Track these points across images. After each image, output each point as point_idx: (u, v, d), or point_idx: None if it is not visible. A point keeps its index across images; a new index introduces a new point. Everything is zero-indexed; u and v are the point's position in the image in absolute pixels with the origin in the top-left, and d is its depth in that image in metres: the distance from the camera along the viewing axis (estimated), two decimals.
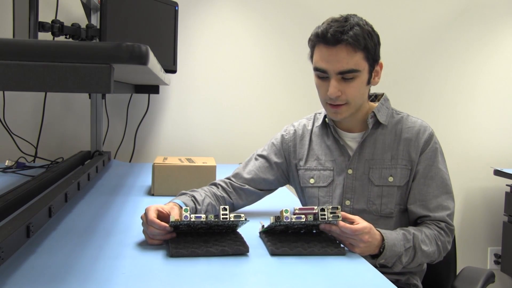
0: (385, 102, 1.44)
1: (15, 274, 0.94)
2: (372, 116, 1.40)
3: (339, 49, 1.29)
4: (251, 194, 1.49)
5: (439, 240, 1.31)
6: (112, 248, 1.12)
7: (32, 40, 1.02)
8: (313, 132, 1.49)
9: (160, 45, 2.17)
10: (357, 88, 1.33)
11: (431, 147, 1.38)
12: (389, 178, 1.37)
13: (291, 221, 1.12)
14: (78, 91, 0.71)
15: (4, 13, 2.12)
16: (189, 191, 1.39)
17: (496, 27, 2.72)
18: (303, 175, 1.47)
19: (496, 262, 2.79)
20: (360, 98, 1.36)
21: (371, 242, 1.18)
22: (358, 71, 1.31)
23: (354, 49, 1.29)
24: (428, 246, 1.29)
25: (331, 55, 1.30)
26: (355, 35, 1.28)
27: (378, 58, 1.36)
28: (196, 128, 2.52)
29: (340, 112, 1.36)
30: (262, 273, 1.01)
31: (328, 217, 1.13)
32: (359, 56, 1.30)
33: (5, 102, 2.25)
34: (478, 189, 2.79)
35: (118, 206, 1.52)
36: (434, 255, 1.30)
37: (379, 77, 1.39)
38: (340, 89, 1.32)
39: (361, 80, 1.33)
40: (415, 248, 1.27)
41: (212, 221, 1.10)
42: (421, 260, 1.29)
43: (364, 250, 1.17)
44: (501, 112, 2.76)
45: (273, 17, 2.54)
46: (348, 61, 1.29)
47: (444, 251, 1.33)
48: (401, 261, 1.25)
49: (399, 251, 1.23)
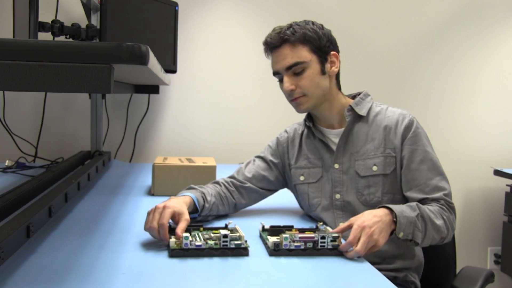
0: (365, 96, 1.48)
1: (15, 274, 0.94)
2: (349, 109, 1.43)
3: (282, 48, 1.39)
4: (252, 192, 1.51)
5: (444, 215, 1.31)
6: (112, 248, 1.12)
7: (32, 40, 1.02)
8: (303, 135, 1.54)
9: (160, 45, 2.17)
10: (309, 79, 1.39)
11: (413, 132, 1.39)
12: (373, 168, 1.39)
13: (290, 248, 1.12)
14: (78, 91, 0.71)
15: (4, 13, 2.12)
16: (198, 187, 1.44)
17: (496, 27, 2.72)
18: (294, 173, 1.51)
19: (496, 262, 2.79)
20: (317, 88, 1.40)
21: (378, 219, 1.18)
22: (303, 62, 1.38)
23: (294, 44, 1.38)
24: (436, 218, 1.28)
25: (277, 55, 1.41)
26: (292, 32, 1.38)
27: (330, 49, 1.41)
28: (196, 128, 2.52)
29: (301, 103, 1.42)
30: (262, 273, 1.01)
31: (328, 244, 1.13)
32: (301, 49, 1.38)
33: (5, 102, 2.25)
34: (478, 189, 2.79)
35: (118, 206, 1.53)
36: (443, 229, 1.29)
37: (337, 66, 1.43)
38: (293, 83, 1.39)
39: (311, 70, 1.39)
40: (423, 217, 1.25)
41: (213, 248, 1.09)
42: (433, 234, 1.27)
43: (381, 230, 1.16)
44: (501, 112, 2.76)
45: (273, 17, 2.54)
46: (292, 55, 1.38)
47: (452, 229, 1.32)
48: (418, 228, 1.23)
49: (411, 216, 1.22)
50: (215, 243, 1.09)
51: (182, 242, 1.08)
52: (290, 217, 1.47)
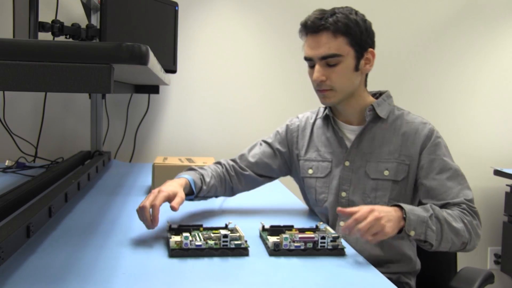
0: (388, 98, 1.44)
1: (15, 274, 0.94)
2: (370, 109, 1.40)
3: (320, 35, 1.33)
4: (251, 180, 1.52)
5: (465, 219, 1.24)
6: (112, 248, 1.12)
7: (32, 40, 1.02)
8: (315, 124, 1.51)
9: (160, 45, 2.17)
10: (341, 73, 1.34)
11: (433, 141, 1.37)
12: (385, 172, 1.36)
13: (290, 248, 1.12)
14: (78, 91, 0.71)
15: (4, 13, 2.12)
16: (198, 168, 1.45)
17: (497, 27, 2.72)
18: (302, 165, 1.49)
19: (496, 262, 2.79)
20: (346, 84, 1.36)
21: (388, 210, 1.14)
22: (340, 56, 1.33)
23: (335, 34, 1.32)
24: (455, 221, 1.22)
25: (314, 41, 1.34)
26: (334, 21, 1.31)
27: (368, 45, 1.37)
28: (196, 128, 2.52)
29: (328, 97, 1.38)
30: (262, 273, 1.01)
31: (328, 244, 1.13)
32: (341, 41, 1.32)
33: (5, 102, 2.25)
34: (478, 189, 2.78)
35: (118, 206, 1.52)
36: (464, 233, 1.22)
37: (371, 64, 1.39)
38: (324, 74, 1.35)
39: (345, 65, 1.34)
40: (438, 218, 1.20)
41: (213, 248, 1.09)
42: (451, 237, 1.20)
43: (390, 220, 1.12)
44: (501, 112, 2.76)
45: (273, 17, 2.54)
46: (329, 46, 1.32)
47: (476, 235, 1.25)
48: (432, 228, 1.17)
49: (422, 215, 1.17)
50: (215, 243, 1.09)
51: (182, 242, 1.08)
52: (290, 217, 1.47)
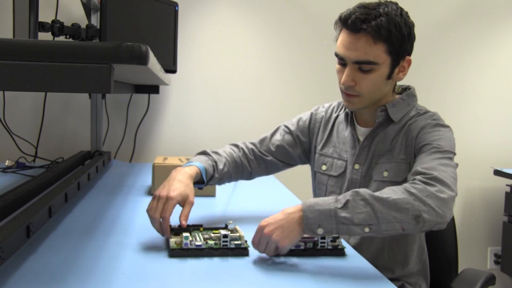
0: (408, 98, 1.35)
1: (15, 274, 0.94)
2: (382, 109, 1.32)
3: (359, 37, 1.22)
4: (272, 165, 1.47)
5: (411, 189, 1.05)
6: (112, 248, 1.12)
7: (32, 40, 1.02)
8: (338, 119, 1.45)
9: (160, 45, 2.17)
10: (372, 81, 1.26)
11: (428, 123, 1.28)
12: (384, 173, 1.30)
13: (290, 248, 1.11)
14: (78, 91, 0.71)
15: (4, 13, 2.12)
16: (212, 152, 1.39)
17: (497, 28, 2.72)
18: (317, 159, 1.45)
19: (496, 262, 2.79)
20: (375, 93, 1.28)
21: (283, 217, 1.05)
22: (376, 64, 1.23)
23: (375, 40, 1.21)
24: (394, 194, 1.04)
25: (351, 42, 1.24)
26: (377, 25, 1.20)
27: (406, 52, 1.28)
28: (196, 128, 2.52)
29: (353, 102, 1.30)
30: (262, 273, 1.01)
31: (328, 244, 1.12)
32: (379, 48, 1.23)
33: (5, 102, 2.24)
34: (478, 189, 2.79)
35: (118, 206, 1.52)
36: (409, 205, 1.02)
37: (404, 73, 1.31)
38: (354, 79, 1.26)
39: (379, 73, 1.25)
40: (365, 199, 1.03)
41: (213, 248, 1.09)
42: (392, 214, 1.01)
43: (283, 230, 1.03)
44: (501, 112, 2.76)
45: (273, 17, 2.54)
46: (366, 51, 1.22)
47: (436, 201, 1.03)
48: (344, 220, 1.01)
49: (326, 208, 1.02)
50: (215, 243, 1.09)
51: (182, 242, 1.08)
52: None
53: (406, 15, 1.28)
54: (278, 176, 1.97)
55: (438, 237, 1.55)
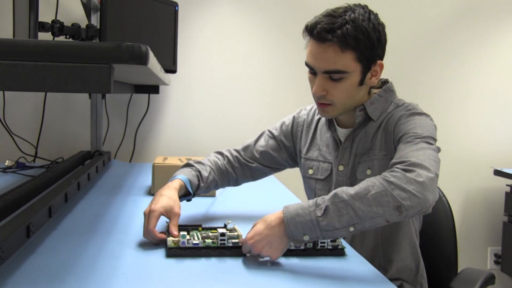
0: (385, 93, 1.33)
1: (15, 274, 0.94)
2: (361, 109, 1.30)
3: (326, 47, 1.20)
4: (257, 171, 1.47)
5: (391, 177, 1.02)
6: (112, 248, 1.12)
7: (32, 40, 1.02)
8: (320, 121, 1.45)
9: (160, 45, 2.17)
10: (344, 90, 1.24)
11: (402, 114, 1.26)
12: (367, 171, 1.29)
13: (290, 248, 1.10)
14: (78, 91, 0.71)
15: (4, 13, 2.12)
16: (195, 162, 1.39)
17: (496, 28, 2.72)
18: (303, 164, 1.45)
19: (496, 262, 2.79)
20: (348, 100, 1.27)
21: (269, 232, 1.04)
22: (346, 72, 1.22)
23: (342, 49, 1.19)
24: (372, 187, 1.01)
25: (319, 52, 1.22)
26: (343, 34, 1.18)
27: (377, 57, 1.26)
28: (196, 128, 2.52)
29: (326, 111, 1.29)
30: (262, 273, 1.01)
31: (328, 244, 1.12)
32: (348, 57, 1.20)
33: (5, 102, 2.25)
34: (478, 189, 2.79)
35: (118, 206, 1.52)
36: (389, 196, 0.99)
37: (377, 77, 1.29)
38: (325, 88, 1.24)
39: (350, 81, 1.24)
40: (345, 201, 1.01)
41: (211, 247, 1.09)
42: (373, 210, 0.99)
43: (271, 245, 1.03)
44: (501, 112, 2.76)
45: (273, 17, 2.54)
46: (335, 61, 1.20)
47: (416, 186, 1.01)
48: (324, 227, 1.00)
49: (306, 219, 1.01)
50: (213, 241, 1.09)
51: (179, 241, 1.08)
52: None
53: (375, 18, 1.25)
54: (278, 176, 1.97)
55: (438, 237, 1.55)
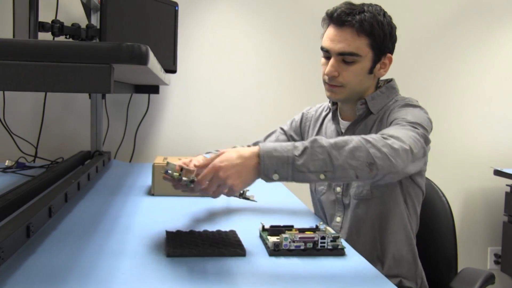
0: (387, 90, 1.41)
1: (15, 274, 0.94)
2: (362, 103, 1.38)
3: (343, 30, 1.31)
4: None
5: (369, 137, 1.08)
6: (112, 248, 1.12)
7: (32, 40, 1.02)
8: (327, 117, 1.52)
9: (160, 45, 2.17)
10: (355, 73, 1.33)
11: (397, 104, 1.33)
12: None
13: (290, 248, 1.11)
14: (78, 91, 0.71)
15: (4, 13, 2.12)
16: (214, 151, 1.48)
17: (497, 28, 2.72)
18: None
19: (496, 262, 2.79)
20: (357, 85, 1.35)
21: (240, 161, 1.01)
22: (359, 56, 1.31)
23: (358, 33, 1.30)
24: (350, 142, 1.05)
25: (336, 35, 1.32)
26: (361, 19, 1.29)
27: (387, 50, 1.36)
28: (196, 128, 2.52)
29: (335, 92, 1.36)
30: (262, 274, 1.01)
31: (328, 244, 1.13)
32: (362, 41, 1.31)
33: (5, 102, 2.25)
34: (478, 189, 2.79)
35: (118, 206, 1.52)
36: (364, 152, 1.03)
37: (386, 70, 1.38)
38: (338, 70, 1.33)
39: (361, 66, 1.33)
40: (323, 147, 1.03)
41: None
42: (347, 162, 1.01)
43: (239, 176, 1.00)
44: (501, 112, 2.76)
45: (273, 17, 2.54)
46: (350, 43, 1.30)
47: (391, 151, 1.05)
48: (301, 168, 1.00)
49: (284, 155, 1.01)
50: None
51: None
52: (290, 217, 1.47)
53: (389, 17, 1.36)
54: None
55: (438, 237, 1.56)
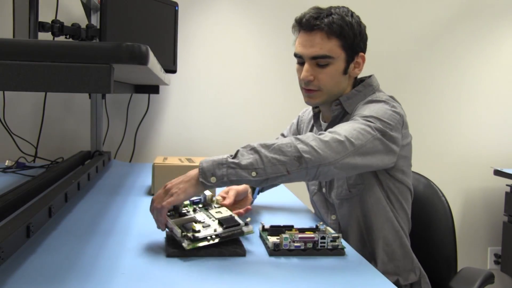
0: (364, 88, 1.40)
1: (15, 274, 0.94)
2: (337, 103, 1.38)
3: (314, 34, 1.33)
4: None
5: (300, 136, 1.15)
6: (112, 248, 1.12)
7: (32, 40, 1.02)
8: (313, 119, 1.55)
9: (160, 45, 2.17)
10: (330, 75, 1.34)
11: (361, 102, 1.34)
12: None
13: (290, 248, 1.11)
14: (78, 91, 0.71)
15: (4, 13, 2.12)
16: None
17: (497, 28, 2.72)
18: None
19: (496, 262, 2.79)
20: (334, 86, 1.36)
21: (184, 177, 1.11)
22: (331, 58, 1.33)
23: (328, 35, 1.31)
24: (280, 141, 1.13)
25: (307, 40, 1.34)
26: (329, 22, 1.31)
27: (360, 49, 1.37)
28: (196, 128, 2.52)
29: (313, 97, 1.38)
30: (261, 274, 1.01)
31: (328, 244, 1.13)
32: (333, 43, 1.32)
33: (5, 102, 2.25)
34: (478, 189, 2.79)
35: (118, 206, 1.52)
36: (291, 147, 1.11)
37: (360, 69, 1.39)
38: (313, 74, 1.34)
39: (335, 67, 1.34)
40: (253, 148, 1.12)
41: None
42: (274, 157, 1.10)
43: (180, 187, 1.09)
44: (501, 112, 2.76)
45: (273, 16, 2.54)
46: (321, 46, 1.32)
47: (319, 143, 1.12)
48: (231, 162, 1.09)
49: (219, 158, 1.10)
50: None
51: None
52: (290, 217, 1.47)
53: (357, 17, 1.37)
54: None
55: (438, 237, 1.56)
